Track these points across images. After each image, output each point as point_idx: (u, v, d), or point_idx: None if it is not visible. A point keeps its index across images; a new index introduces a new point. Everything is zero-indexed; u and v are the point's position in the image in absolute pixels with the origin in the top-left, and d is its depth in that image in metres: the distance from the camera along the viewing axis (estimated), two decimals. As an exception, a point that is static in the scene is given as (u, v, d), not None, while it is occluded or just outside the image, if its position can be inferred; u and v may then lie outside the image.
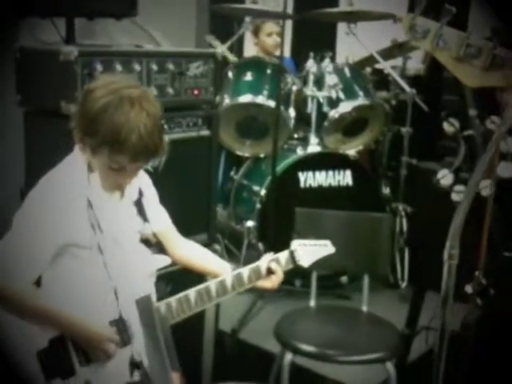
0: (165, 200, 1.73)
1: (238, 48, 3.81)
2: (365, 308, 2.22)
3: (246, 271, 1.65)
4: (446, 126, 2.03)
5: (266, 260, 1.69)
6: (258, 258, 1.70)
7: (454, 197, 1.97)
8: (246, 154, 3.28)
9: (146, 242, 1.63)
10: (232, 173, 3.39)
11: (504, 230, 1.89)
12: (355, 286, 3.06)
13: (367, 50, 3.38)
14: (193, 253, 1.77)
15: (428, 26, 1.33)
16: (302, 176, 3.01)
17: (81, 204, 1.46)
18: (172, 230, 1.74)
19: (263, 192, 2.98)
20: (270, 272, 1.67)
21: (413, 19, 1.30)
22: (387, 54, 3.50)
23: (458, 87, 2.08)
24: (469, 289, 1.82)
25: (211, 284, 1.60)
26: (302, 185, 3.02)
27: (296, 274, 1.68)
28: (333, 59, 3.33)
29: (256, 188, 3.07)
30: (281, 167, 2.96)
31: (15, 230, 1.43)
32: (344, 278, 3.10)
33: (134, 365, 1.09)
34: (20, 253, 1.41)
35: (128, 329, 1.47)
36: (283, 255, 1.72)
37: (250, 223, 3.01)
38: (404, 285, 3.12)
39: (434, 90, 3.63)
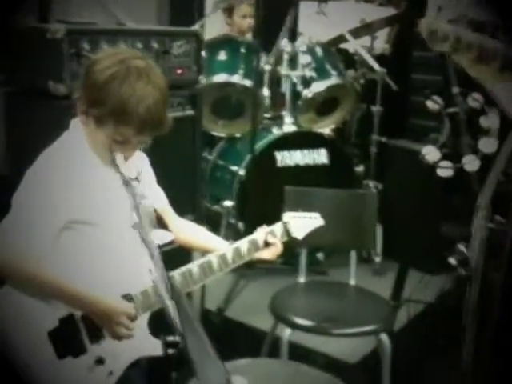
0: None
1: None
2: (352, 282, 2.29)
3: (244, 244, 1.66)
4: (429, 103, 2.10)
5: (262, 232, 1.69)
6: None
7: (440, 172, 2.04)
8: (222, 134, 3.28)
9: None
10: (205, 153, 3.37)
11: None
12: (331, 262, 3.14)
13: (332, 30, 3.40)
14: (191, 230, 1.77)
15: (447, 30, 1.37)
16: (278, 155, 3.03)
17: (85, 179, 1.44)
18: (169, 208, 1.74)
19: (242, 172, 2.99)
20: (267, 244, 1.68)
21: (432, 25, 1.34)
22: (354, 33, 3.54)
23: (442, 65, 2.16)
24: (452, 260, 1.90)
25: (212, 258, 1.61)
26: (279, 164, 3.04)
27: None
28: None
29: (234, 168, 3.07)
30: (258, 147, 2.97)
31: (16, 210, 1.39)
32: (320, 255, 3.16)
33: (169, 344, 1.10)
34: (24, 232, 1.37)
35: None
36: (277, 227, 1.72)
37: (228, 203, 3.01)
38: (378, 259, 3.22)
39: (400, 68, 3.71)
